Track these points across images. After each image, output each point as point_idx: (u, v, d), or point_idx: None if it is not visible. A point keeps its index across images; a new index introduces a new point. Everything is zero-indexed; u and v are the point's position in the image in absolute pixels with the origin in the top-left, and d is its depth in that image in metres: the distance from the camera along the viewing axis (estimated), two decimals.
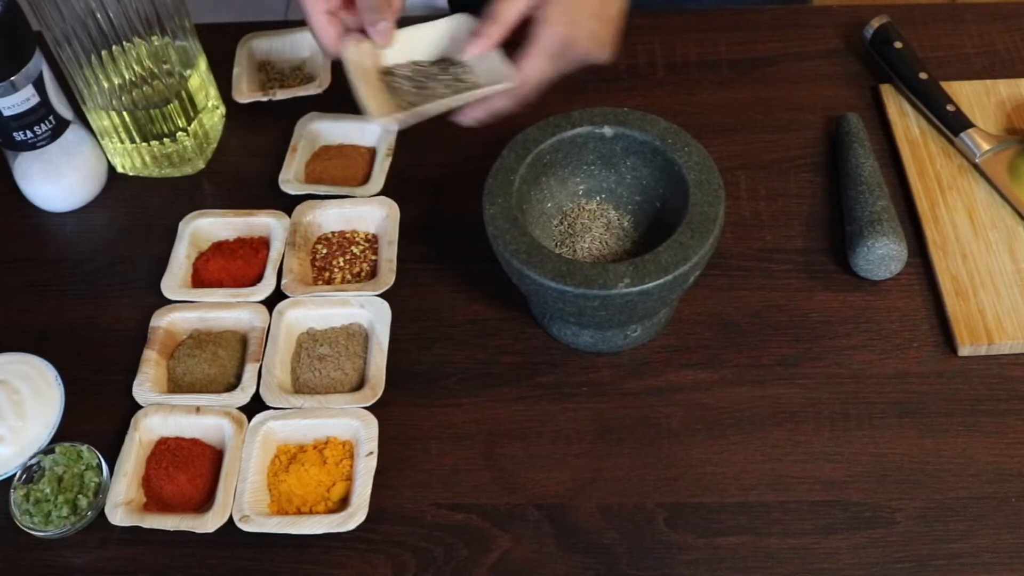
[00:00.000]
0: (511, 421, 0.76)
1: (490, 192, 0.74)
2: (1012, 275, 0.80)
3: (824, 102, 0.94)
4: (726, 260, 0.83)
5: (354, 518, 0.70)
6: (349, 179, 0.91)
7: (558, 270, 0.69)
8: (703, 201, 0.72)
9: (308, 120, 0.93)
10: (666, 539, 0.70)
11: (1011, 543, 0.68)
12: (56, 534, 0.71)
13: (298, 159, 0.91)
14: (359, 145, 0.93)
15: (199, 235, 0.87)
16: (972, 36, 0.98)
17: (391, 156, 0.91)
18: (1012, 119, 0.90)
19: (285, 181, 0.89)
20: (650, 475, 0.73)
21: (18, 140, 0.85)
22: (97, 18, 0.82)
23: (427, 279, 0.84)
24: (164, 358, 0.80)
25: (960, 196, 0.85)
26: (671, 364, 0.78)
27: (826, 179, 0.88)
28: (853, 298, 0.81)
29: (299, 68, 1.00)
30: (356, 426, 0.74)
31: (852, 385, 0.76)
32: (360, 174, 0.91)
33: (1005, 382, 0.75)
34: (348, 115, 0.94)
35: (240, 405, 0.76)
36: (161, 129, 0.89)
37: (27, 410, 0.76)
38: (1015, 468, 0.71)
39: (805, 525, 0.70)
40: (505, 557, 0.70)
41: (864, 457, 0.72)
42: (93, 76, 0.86)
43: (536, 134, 0.77)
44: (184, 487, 0.73)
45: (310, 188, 0.88)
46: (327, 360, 0.79)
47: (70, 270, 0.87)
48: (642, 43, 1.00)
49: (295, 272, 0.83)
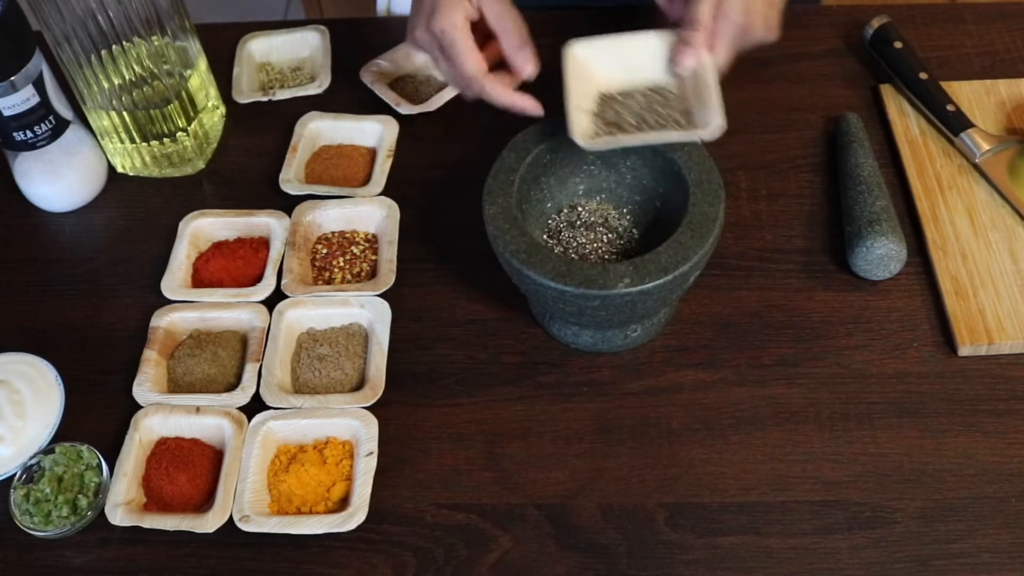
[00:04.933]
0: (511, 421, 0.76)
1: (490, 192, 0.74)
2: (1012, 275, 0.80)
3: (824, 102, 0.94)
4: (726, 260, 0.83)
5: (354, 518, 0.70)
6: (350, 179, 0.91)
7: (558, 270, 0.69)
8: (703, 201, 0.72)
9: (308, 120, 0.93)
10: (666, 539, 0.70)
11: (1011, 543, 0.68)
12: (56, 534, 0.71)
13: (298, 159, 0.91)
14: (359, 145, 0.93)
15: (199, 235, 0.87)
16: (972, 36, 0.98)
17: (392, 157, 0.91)
18: (1012, 119, 0.90)
19: (285, 181, 0.89)
20: (650, 475, 0.73)
21: (18, 140, 0.85)
22: (97, 18, 0.82)
23: (427, 279, 0.84)
24: (164, 358, 0.80)
25: (960, 196, 0.85)
26: (671, 364, 0.78)
27: (826, 179, 0.88)
28: (853, 298, 0.81)
29: (299, 68, 1.00)
30: (356, 426, 0.74)
31: (852, 385, 0.76)
32: (361, 174, 0.91)
33: (1005, 382, 0.75)
34: (348, 115, 0.94)
35: (240, 405, 0.76)
36: (161, 129, 0.89)
37: (27, 410, 0.76)
38: (1015, 468, 0.71)
39: (805, 525, 0.70)
40: (505, 557, 0.70)
41: (864, 457, 0.72)
42: (93, 76, 0.86)
43: (536, 134, 0.77)
44: (184, 487, 0.73)
45: (311, 188, 0.88)
46: (327, 360, 0.79)
47: (70, 270, 0.88)
48: None
49: (295, 272, 0.83)
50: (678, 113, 0.76)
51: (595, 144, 0.74)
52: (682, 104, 0.77)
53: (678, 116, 0.76)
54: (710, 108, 0.73)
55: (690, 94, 0.77)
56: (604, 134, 0.75)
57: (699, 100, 0.75)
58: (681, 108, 0.77)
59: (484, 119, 0.94)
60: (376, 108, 0.95)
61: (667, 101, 0.77)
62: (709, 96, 0.74)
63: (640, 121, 0.76)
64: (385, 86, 0.96)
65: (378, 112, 0.94)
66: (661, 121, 0.76)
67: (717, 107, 0.73)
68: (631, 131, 0.75)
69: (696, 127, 0.74)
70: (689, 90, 0.77)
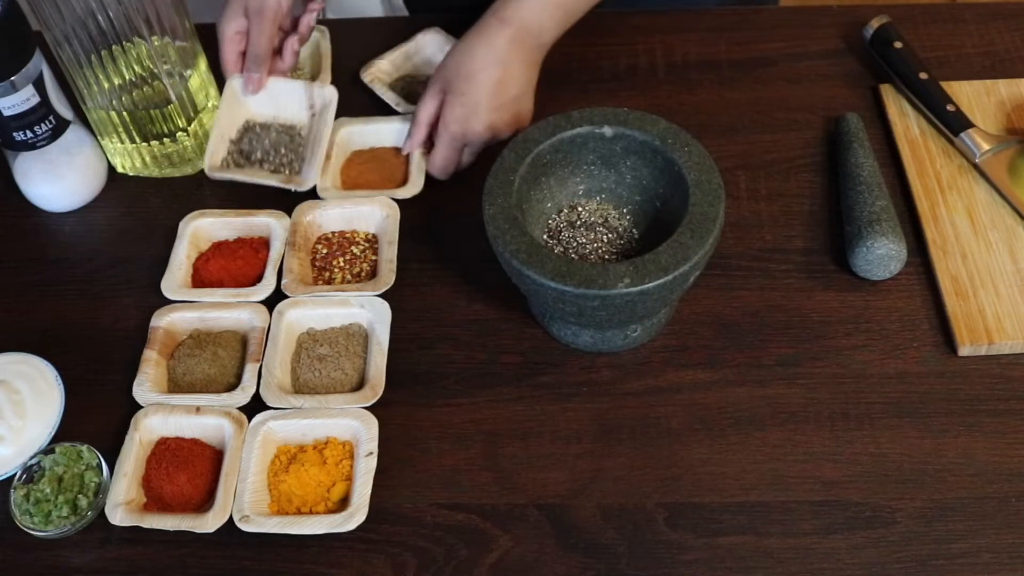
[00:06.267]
0: (511, 421, 0.76)
1: (490, 192, 0.74)
2: (1012, 275, 0.80)
3: (824, 102, 0.94)
4: (726, 260, 0.83)
5: (354, 518, 0.70)
6: (386, 182, 0.90)
7: (558, 270, 0.69)
8: (703, 201, 0.72)
9: (339, 126, 0.92)
10: (666, 539, 0.70)
11: (1011, 543, 0.68)
12: (56, 534, 0.71)
13: (332, 166, 0.90)
14: (391, 147, 0.93)
15: (199, 235, 0.87)
16: (972, 36, 0.98)
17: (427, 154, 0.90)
18: (1012, 119, 0.90)
19: (323, 189, 0.88)
20: (650, 475, 0.73)
21: (18, 140, 0.85)
22: (97, 18, 0.82)
23: (427, 279, 0.84)
24: (164, 358, 0.80)
25: (960, 196, 0.85)
26: (671, 364, 0.78)
27: (826, 179, 0.88)
28: (853, 298, 0.81)
29: (300, 68, 1.00)
30: (356, 426, 0.74)
31: (852, 385, 0.76)
32: (397, 176, 0.91)
33: (1005, 382, 0.75)
34: (377, 118, 0.93)
35: (240, 405, 0.76)
36: (161, 129, 0.89)
37: (27, 410, 0.77)
38: (1015, 468, 0.71)
39: (805, 525, 0.70)
40: (505, 557, 0.70)
41: (864, 457, 0.72)
42: (93, 76, 0.86)
43: (536, 134, 0.77)
44: (184, 487, 0.73)
45: (350, 195, 0.88)
46: (327, 360, 0.79)
47: (70, 270, 0.88)
48: (642, 43, 1.00)
49: (295, 272, 0.83)
50: (295, 156, 0.89)
51: (215, 175, 0.87)
52: (303, 149, 0.90)
53: (293, 159, 0.89)
54: (313, 166, 0.87)
55: (311, 142, 0.90)
56: (233, 165, 0.89)
57: (312, 152, 0.88)
58: (301, 152, 0.89)
59: None
60: (377, 109, 0.95)
61: (293, 142, 0.90)
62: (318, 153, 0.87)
63: (266, 155, 0.89)
64: (385, 86, 0.96)
65: (379, 113, 0.94)
66: (284, 159, 0.89)
67: (318, 167, 0.87)
68: (255, 164, 0.88)
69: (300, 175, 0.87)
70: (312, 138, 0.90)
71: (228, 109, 0.91)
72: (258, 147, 0.90)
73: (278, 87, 0.91)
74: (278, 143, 0.90)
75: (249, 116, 0.92)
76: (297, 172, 0.88)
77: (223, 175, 0.88)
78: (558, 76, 0.96)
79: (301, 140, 0.91)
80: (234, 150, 0.90)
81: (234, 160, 0.89)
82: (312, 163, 0.88)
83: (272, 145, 0.90)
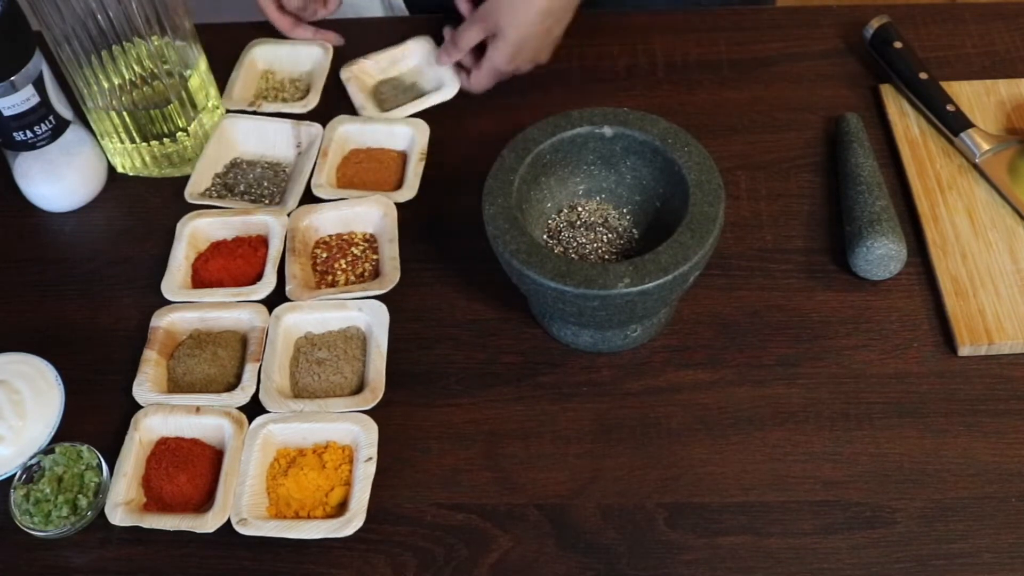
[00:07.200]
0: (511, 421, 0.76)
1: (490, 192, 0.74)
2: (1012, 275, 0.80)
3: (824, 102, 0.94)
4: (726, 260, 0.83)
5: (351, 523, 0.70)
6: (382, 183, 0.90)
7: (558, 270, 0.69)
8: (703, 201, 0.72)
9: (337, 123, 0.93)
10: (666, 539, 0.70)
11: (1011, 543, 0.68)
12: (56, 534, 0.71)
13: (329, 163, 0.91)
14: (389, 148, 0.93)
15: (197, 235, 0.87)
16: (972, 36, 0.98)
17: (424, 160, 0.91)
18: (1012, 119, 0.90)
19: (318, 186, 0.88)
20: (650, 475, 0.73)
21: (18, 140, 0.85)
22: (97, 18, 0.82)
23: (427, 279, 0.84)
24: (164, 358, 0.80)
25: (960, 196, 0.85)
26: (671, 364, 0.78)
27: (826, 179, 0.88)
28: (853, 298, 0.81)
29: (297, 81, 1.00)
30: (356, 431, 0.74)
31: (852, 385, 0.76)
32: (393, 178, 0.91)
33: (1005, 382, 0.75)
34: (377, 118, 0.93)
35: (240, 405, 0.76)
36: (161, 129, 0.89)
37: (27, 410, 0.76)
38: (1015, 468, 0.71)
39: (805, 525, 0.70)
40: (505, 557, 0.69)
41: (864, 457, 0.72)
42: (93, 76, 0.86)
43: (536, 134, 0.77)
44: (184, 487, 0.73)
45: (344, 193, 0.88)
46: (325, 364, 0.79)
47: (70, 270, 0.87)
48: (642, 43, 1.00)
49: (298, 278, 0.83)
50: (276, 189, 0.91)
51: (194, 200, 0.89)
52: (286, 183, 0.91)
53: (275, 191, 0.91)
54: (294, 194, 0.88)
55: (294, 176, 0.91)
56: (215, 195, 0.90)
57: (294, 183, 0.90)
58: (283, 186, 0.91)
59: (484, 120, 0.94)
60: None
61: (277, 177, 0.92)
62: (299, 183, 0.89)
63: (249, 187, 0.91)
64: (361, 88, 0.96)
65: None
66: (265, 191, 0.91)
67: (297, 196, 0.88)
68: (236, 196, 0.90)
69: (282, 204, 0.89)
70: (295, 173, 0.91)
71: (217, 145, 0.93)
72: (242, 181, 0.92)
73: (267, 127, 0.94)
74: (262, 177, 0.92)
75: (237, 154, 0.94)
76: (278, 203, 0.89)
77: (202, 200, 0.90)
78: (558, 76, 0.96)
79: (285, 176, 0.92)
80: (219, 183, 0.92)
81: (217, 192, 0.91)
82: (293, 192, 0.89)
83: (256, 179, 0.92)
